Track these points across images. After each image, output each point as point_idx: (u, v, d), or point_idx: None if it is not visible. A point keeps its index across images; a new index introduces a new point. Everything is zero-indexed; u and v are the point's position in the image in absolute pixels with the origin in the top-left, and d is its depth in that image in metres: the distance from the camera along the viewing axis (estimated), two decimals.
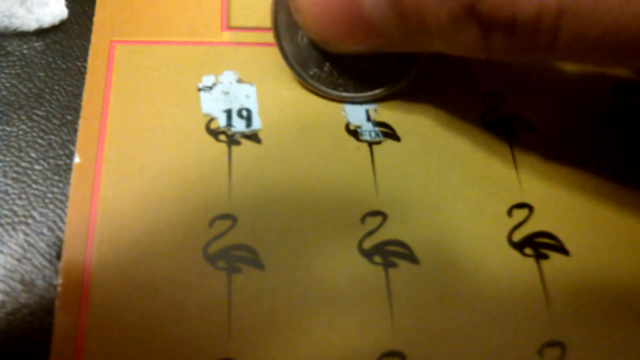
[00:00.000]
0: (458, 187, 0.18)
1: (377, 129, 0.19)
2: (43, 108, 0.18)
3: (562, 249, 0.17)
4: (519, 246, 0.17)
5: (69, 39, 0.19)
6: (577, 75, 0.20)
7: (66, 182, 0.17)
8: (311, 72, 0.18)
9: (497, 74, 0.20)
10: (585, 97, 0.20)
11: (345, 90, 0.19)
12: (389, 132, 0.19)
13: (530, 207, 0.18)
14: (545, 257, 0.17)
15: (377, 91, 0.19)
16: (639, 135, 0.19)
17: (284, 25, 0.18)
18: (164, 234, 0.16)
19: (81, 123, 0.18)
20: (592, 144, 0.19)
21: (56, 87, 0.19)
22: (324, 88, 0.19)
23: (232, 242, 0.16)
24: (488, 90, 0.20)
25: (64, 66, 0.19)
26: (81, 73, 0.19)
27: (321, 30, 0.16)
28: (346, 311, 0.16)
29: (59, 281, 0.16)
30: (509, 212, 0.17)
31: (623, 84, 0.20)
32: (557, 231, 0.17)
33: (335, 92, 0.19)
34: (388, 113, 0.19)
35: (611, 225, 0.18)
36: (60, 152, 0.18)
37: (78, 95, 0.18)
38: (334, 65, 0.18)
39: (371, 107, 0.19)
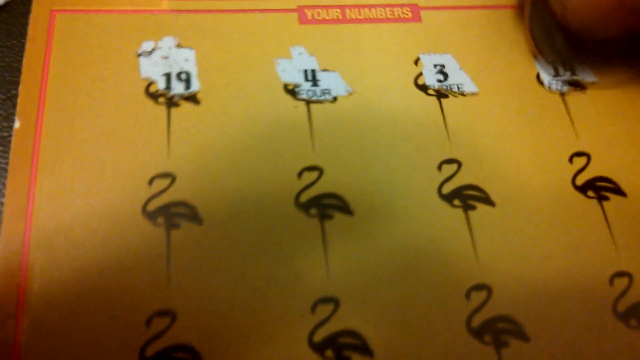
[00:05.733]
0: (391, 144, 0.19)
1: (315, 88, 0.19)
2: None
3: (488, 201, 0.18)
4: (448, 198, 0.18)
5: (14, 17, 0.20)
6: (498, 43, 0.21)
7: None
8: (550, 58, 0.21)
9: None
10: (508, 62, 0.21)
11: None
12: None
13: (459, 163, 0.18)
14: (473, 207, 0.18)
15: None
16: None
17: (535, 14, 0.21)
18: (103, 193, 0.17)
19: (21, 89, 0.18)
20: (514, 105, 0.20)
21: (1, 64, 0.19)
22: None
23: (171, 200, 0.17)
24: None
25: (8, 43, 0.19)
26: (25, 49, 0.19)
27: (587, 18, 0.18)
28: (284, 262, 0.16)
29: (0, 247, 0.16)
30: (439, 167, 0.18)
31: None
32: (484, 184, 0.18)
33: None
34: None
35: (532, 179, 0.19)
36: (5, 124, 0.18)
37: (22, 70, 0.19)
38: (572, 51, 0.21)
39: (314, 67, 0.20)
